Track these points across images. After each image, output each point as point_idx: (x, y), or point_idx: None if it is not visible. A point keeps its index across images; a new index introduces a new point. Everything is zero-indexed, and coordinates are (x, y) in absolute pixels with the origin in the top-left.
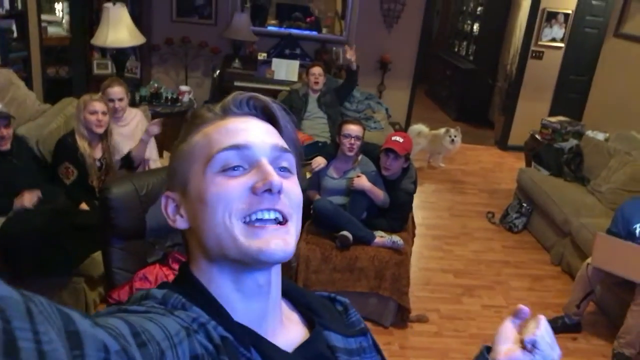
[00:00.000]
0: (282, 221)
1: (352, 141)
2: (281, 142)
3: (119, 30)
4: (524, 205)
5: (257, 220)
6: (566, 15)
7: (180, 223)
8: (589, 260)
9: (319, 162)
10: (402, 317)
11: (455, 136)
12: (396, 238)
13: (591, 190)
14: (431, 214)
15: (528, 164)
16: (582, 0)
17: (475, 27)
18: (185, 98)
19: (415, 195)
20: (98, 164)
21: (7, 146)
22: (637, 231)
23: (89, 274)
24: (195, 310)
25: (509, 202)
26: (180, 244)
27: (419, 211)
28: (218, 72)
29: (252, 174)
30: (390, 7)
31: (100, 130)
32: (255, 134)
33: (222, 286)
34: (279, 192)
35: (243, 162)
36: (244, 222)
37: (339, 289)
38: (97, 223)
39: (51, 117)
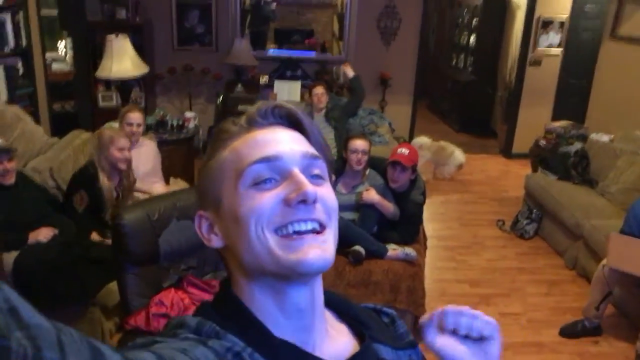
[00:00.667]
0: (320, 230)
1: (360, 156)
2: (311, 150)
3: (122, 61)
4: (534, 211)
5: (295, 232)
6: (561, 22)
7: (216, 242)
8: (604, 261)
9: None
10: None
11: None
12: (409, 250)
13: (600, 192)
14: (441, 225)
15: (534, 170)
16: (576, 6)
17: (472, 39)
18: (191, 124)
19: (424, 207)
20: (115, 193)
21: (12, 180)
22: None
23: (105, 304)
24: (230, 339)
25: (518, 209)
26: (195, 267)
27: (429, 223)
28: (221, 97)
29: (284, 186)
30: (387, 24)
31: (125, 167)
32: (284, 143)
33: (264, 304)
34: (314, 201)
35: (274, 174)
36: (278, 235)
37: None
38: (112, 256)
39: (60, 150)
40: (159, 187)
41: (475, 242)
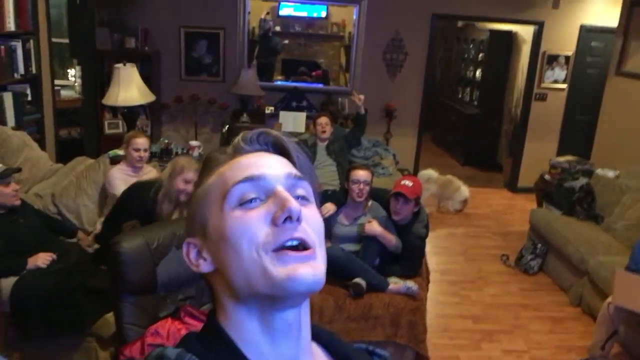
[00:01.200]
0: (306, 247)
1: (361, 187)
2: (295, 171)
3: (129, 89)
4: (539, 246)
5: (283, 247)
6: (567, 57)
7: (204, 266)
8: (609, 299)
9: (329, 208)
10: None
11: None
12: (410, 284)
13: (606, 228)
14: (445, 259)
15: (539, 205)
16: (581, 42)
17: (478, 73)
18: (195, 153)
19: (427, 241)
20: None
21: (18, 201)
22: None
23: (100, 334)
24: None
25: (523, 244)
26: (193, 296)
27: (432, 257)
28: (227, 127)
29: (269, 204)
30: (393, 57)
31: (184, 199)
32: (268, 165)
33: (251, 330)
34: (298, 219)
35: (259, 193)
36: (272, 253)
37: (355, 339)
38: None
39: (63, 175)
40: None
41: (478, 277)
